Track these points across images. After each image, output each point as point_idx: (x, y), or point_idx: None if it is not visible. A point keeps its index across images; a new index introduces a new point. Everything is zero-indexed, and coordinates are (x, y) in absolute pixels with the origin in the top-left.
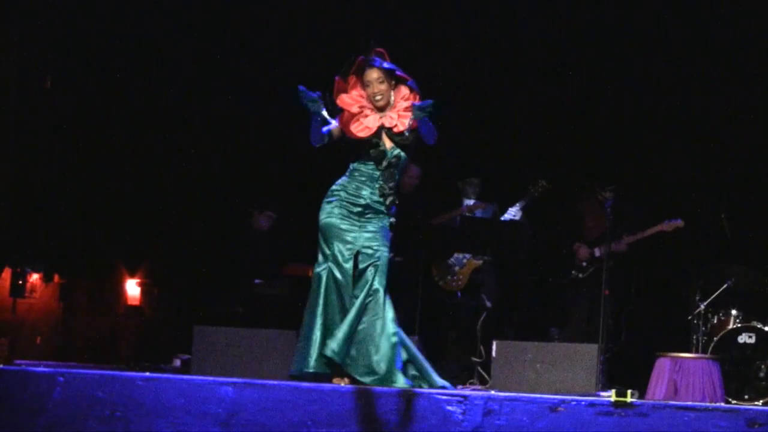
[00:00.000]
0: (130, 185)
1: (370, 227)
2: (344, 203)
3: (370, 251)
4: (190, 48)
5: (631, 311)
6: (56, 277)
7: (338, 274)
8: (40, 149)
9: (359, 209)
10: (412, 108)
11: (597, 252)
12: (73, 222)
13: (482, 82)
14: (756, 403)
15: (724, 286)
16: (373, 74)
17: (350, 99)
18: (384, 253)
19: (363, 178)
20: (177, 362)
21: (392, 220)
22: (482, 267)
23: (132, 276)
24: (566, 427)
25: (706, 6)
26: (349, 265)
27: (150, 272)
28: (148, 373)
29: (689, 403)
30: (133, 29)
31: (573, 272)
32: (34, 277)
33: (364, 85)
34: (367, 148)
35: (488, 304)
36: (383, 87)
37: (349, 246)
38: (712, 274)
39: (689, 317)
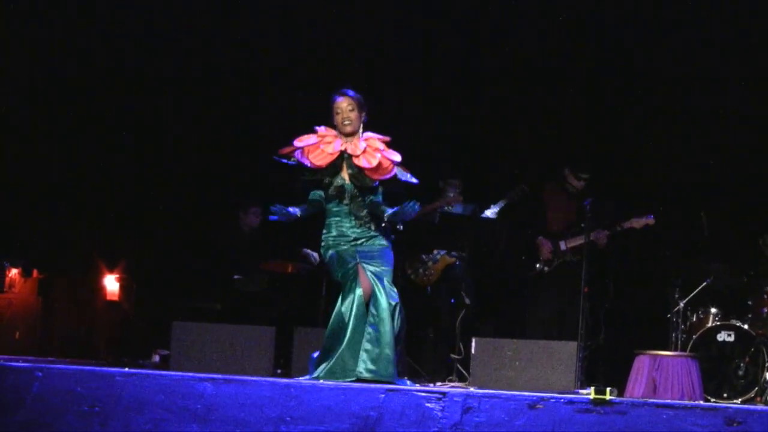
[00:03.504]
0: (110, 181)
1: (366, 248)
2: (336, 244)
3: (371, 269)
4: (176, 45)
5: (610, 309)
6: (35, 272)
7: (341, 294)
8: (18, 145)
9: (351, 242)
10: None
11: (563, 245)
12: (52, 217)
13: (466, 82)
14: (735, 401)
15: (704, 284)
16: (344, 103)
17: (307, 138)
18: (386, 270)
19: (338, 218)
20: (156, 358)
21: (392, 237)
22: (457, 264)
23: (111, 271)
24: (545, 424)
25: (682, 4)
26: (347, 280)
27: (129, 268)
28: (126, 369)
29: (668, 401)
30: (112, 26)
31: (538, 266)
32: (13, 272)
33: (334, 113)
34: (327, 188)
35: (467, 301)
36: (353, 114)
37: (352, 262)
38: (692, 272)
39: (668, 315)
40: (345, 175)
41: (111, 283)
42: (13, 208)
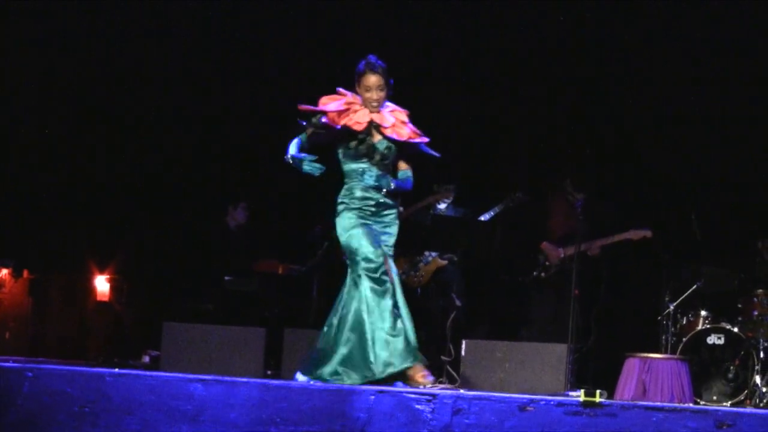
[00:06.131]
0: (100, 180)
1: (390, 229)
2: (356, 209)
3: (390, 253)
4: (162, 45)
5: (600, 311)
6: (26, 273)
7: (372, 282)
8: (8, 146)
9: (373, 208)
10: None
11: (561, 252)
12: (42, 217)
13: (463, 87)
14: (724, 404)
15: (694, 287)
16: (374, 79)
17: (331, 101)
18: (392, 245)
19: (361, 177)
20: (146, 358)
21: (400, 209)
22: (448, 266)
23: (101, 272)
24: (535, 426)
25: (674, 8)
26: (380, 269)
27: (120, 268)
28: (117, 369)
29: (658, 403)
30: (100, 28)
31: (535, 272)
32: (4, 272)
33: (364, 89)
34: (356, 146)
35: (458, 303)
36: (382, 94)
37: (377, 248)
38: (682, 274)
39: (658, 318)
40: (375, 135)
41: (102, 284)
42: (4, 208)
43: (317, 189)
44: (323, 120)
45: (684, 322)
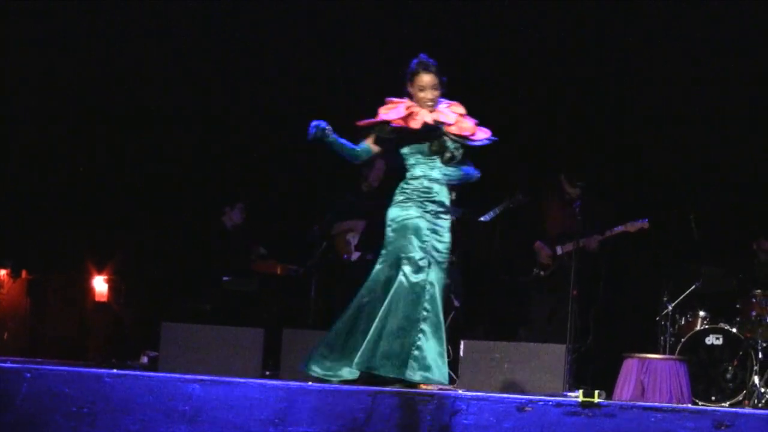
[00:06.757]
0: (99, 181)
1: (444, 236)
2: (418, 202)
3: (439, 259)
4: (162, 45)
5: (599, 311)
6: (24, 273)
7: (411, 279)
8: (9, 145)
9: (433, 207)
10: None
11: (559, 250)
12: (41, 217)
13: (464, 87)
14: (723, 404)
15: (693, 287)
16: (428, 78)
17: (389, 110)
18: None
19: (428, 174)
20: (144, 359)
21: (452, 217)
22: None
23: (100, 272)
24: (533, 427)
25: (674, 8)
26: (418, 273)
27: (118, 268)
28: (115, 370)
29: (656, 404)
30: (101, 29)
31: (535, 270)
32: (2, 273)
33: (418, 89)
34: (428, 144)
35: (456, 303)
36: (437, 93)
37: (424, 253)
38: (681, 275)
39: (657, 318)
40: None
41: (100, 284)
42: (3, 208)
43: (316, 189)
44: (393, 126)
45: (682, 323)
